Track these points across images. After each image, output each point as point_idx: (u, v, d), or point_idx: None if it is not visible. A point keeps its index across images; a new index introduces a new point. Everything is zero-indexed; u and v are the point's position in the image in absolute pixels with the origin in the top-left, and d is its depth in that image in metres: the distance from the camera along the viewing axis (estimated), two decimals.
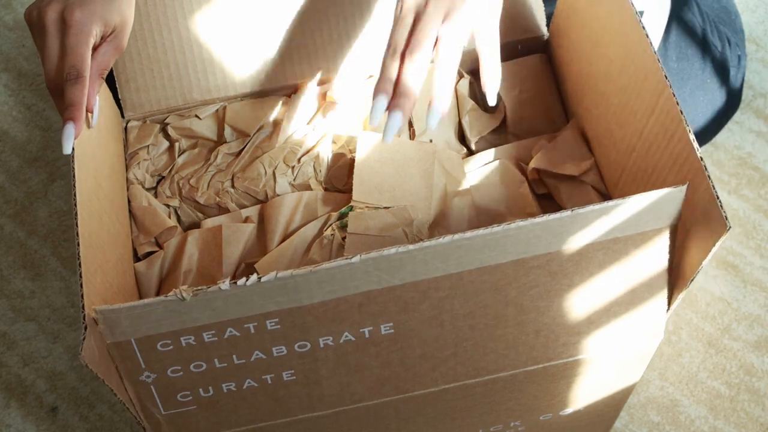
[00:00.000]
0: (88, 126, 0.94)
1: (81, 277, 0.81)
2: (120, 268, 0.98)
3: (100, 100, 0.96)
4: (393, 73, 0.81)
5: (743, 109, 1.31)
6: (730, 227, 0.75)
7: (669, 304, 0.88)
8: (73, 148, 0.87)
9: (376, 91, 0.81)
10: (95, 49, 0.91)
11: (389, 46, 0.83)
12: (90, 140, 0.95)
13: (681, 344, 1.18)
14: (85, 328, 0.78)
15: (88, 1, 0.89)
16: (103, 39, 0.92)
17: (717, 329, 1.18)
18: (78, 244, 0.83)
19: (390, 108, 0.79)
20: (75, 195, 0.86)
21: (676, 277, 0.86)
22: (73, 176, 0.87)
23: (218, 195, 1.08)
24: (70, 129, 0.86)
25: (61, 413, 1.22)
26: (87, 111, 0.91)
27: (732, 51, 1.19)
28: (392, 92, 0.81)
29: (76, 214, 0.85)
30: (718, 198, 0.77)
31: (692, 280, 0.82)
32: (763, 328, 1.18)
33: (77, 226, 0.84)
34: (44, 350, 1.25)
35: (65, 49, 0.87)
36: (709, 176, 0.78)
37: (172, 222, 1.07)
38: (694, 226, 0.81)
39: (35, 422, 1.22)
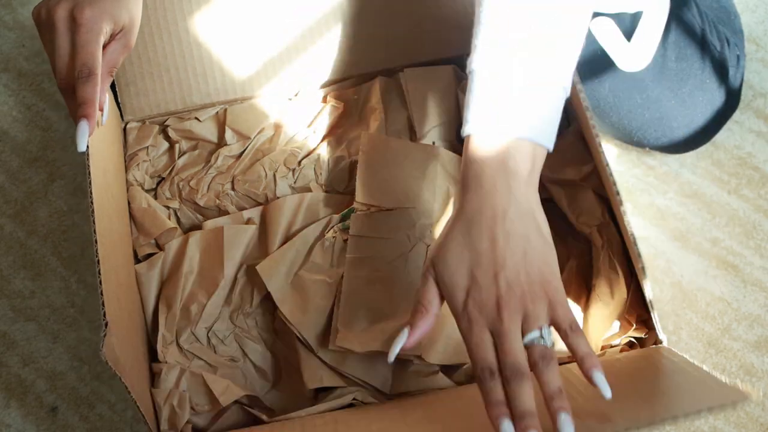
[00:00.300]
0: (99, 124, 0.94)
1: (100, 274, 0.82)
2: (126, 268, 0.99)
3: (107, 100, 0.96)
4: (500, 394, 0.76)
5: (743, 109, 1.31)
6: (643, 266, 0.80)
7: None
8: (87, 146, 0.87)
9: (498, 417, 0.74)
10: (104, 47, 0.91)
11: (478, 365, 0.77)
12: (98, 139, 0.95)
13: (681, 344, 1.18)
14: (106, 325, 0.78)
15: (97, 0, 0.89)
16: (112, 37, 0.91)
17: (717, 329, 1.18)
18: (96, 242, 0.83)
19: (523, 430, 0.74)
20: (91, 192, 0.86)
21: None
22: (89, 173, 0.87)
23: (218, 197, 1.08)
24: (84, 126, 0.85)
25: (61, 413, 1.22)
26: (98, 109, 0.91)
27: (731, 51, 1.19)
28: (511, 412, 0.75)
29: (92, 211, 0.85)
30: (635, 245, 0.83)
31: (651, 306, 0.88)
32: (763, 328, 1.18)
33: (94, 223, 0.84)
34: (44, 350, 1.25)
35: (76, 47, 0.87)
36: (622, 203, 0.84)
37: (172, 223, 1.07)
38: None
39: (35, 422, 1.22)
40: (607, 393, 0.75)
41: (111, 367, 0.78)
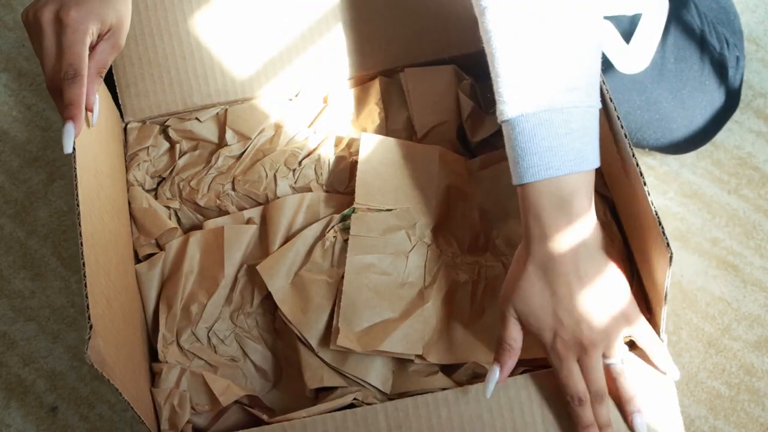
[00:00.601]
0: (88, 125, 0.93)
1: (85, 276, 0.82)
2: (122, 268, 0.98)
3: (99, 100, 0.96)
4: (590, 418, 0.87)
5: (743, 109, 1.31)
6: (671, 254, 0.79)
7: (659, 323, 0.90)
8: (74, 148, 0.87)
9: None
10: (93, 48, 0.91)
11: (568, 394, 0.87)
12: (90, 140, 0.95)
13: (681, 344, 1.18)
14: (90, 327, 0.78)
15: (83, 1, 0.89)
16: (100, 38, 0.92)
17: (717, 329, 1.18)
18: (81, 244, 0.83)
19: None
20: (77, 194, 0.86)
21: (653, 297, 0.89)
22: (75, 176, 0.87)
23: (219, 197, 1.08)
24: (70, 128, 0.86)
25: (61, 413, 1.22)
26: (87, 110, 0.91)
27: (730, 52, 1.19)
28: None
29: (78, 213, 0.85)
30: (660, 225, 0.80)
31: (666, 297, 0.86)
32: (763, 328, 1.18)
33: (80, 225, 0.84)
34: (44, 350, 1.25)
35: (62, 48, 0.87)
36: (649, 193, 0.82)
37: (173, 223, 1.07)
38: (653, 250, 0.85)
39: (35, 422, 1.22)
40: (676, 375, 0.90)
41: (97, 369, 0.78)
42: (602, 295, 0.85)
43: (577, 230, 0.84)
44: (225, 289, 1.03)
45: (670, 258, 0.79)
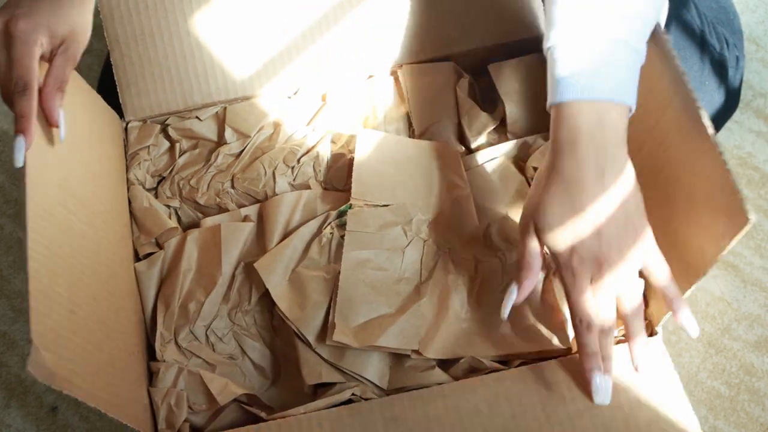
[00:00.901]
0: (51, 142, 0.91)
1: (29, 293, 0.78)
2: (104, 272, 0.97)
3: (91, 104, 0.95)
4: (596, 346, 0.86)
5: (743, 109, 1.31)
6: (750, 220, 0.77)
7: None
8: (24, 162, 0.83)
9: (592, 370, 0.86)
10: (50, 61, 0.90)
11: (578, 317, 0.86)
12: (55, 150, 0.90)
13: (681, 344, 1.18)
14: (30, 341, 0.76)
15: (33, 12, 0.87)
16: (54, 51, 0.90)
17: (717, 329, 1.18)
18: (27, 258, 0.79)
19: (607, 371, 0.87)
20: (26, 210, 0.80)
21: (688, 270, 0.88)
22: (24, 191, 0.82)
23: (218, 195, 1.08)
24: (20, 142, 0.83)
25: (61, 413, 1.22)
26: (51, 125, 0.89)
27: (730, 51, 1.19)
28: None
29: (26, 233, 0.80)
30: (739, 191, 0.78)
31: (706, 273, 0.85)
32: (763, 328, 1.18)
33: (27, 244, 0.78)
34: None
35: (12, 60, 0.86)
36: (729, 170, 0.79)
37: (173, 223, 1.07)
38: (711, 220, 0.82)
39: (35, 422, 1.22)
40: (694, 332, 0.87)
41: (42, 382, 0.76)
42: (624, 218, 0.84)
43: (608, 152, 0.84)
44: (223, 286, 1.03)
45: (744, 224, 0.76)
